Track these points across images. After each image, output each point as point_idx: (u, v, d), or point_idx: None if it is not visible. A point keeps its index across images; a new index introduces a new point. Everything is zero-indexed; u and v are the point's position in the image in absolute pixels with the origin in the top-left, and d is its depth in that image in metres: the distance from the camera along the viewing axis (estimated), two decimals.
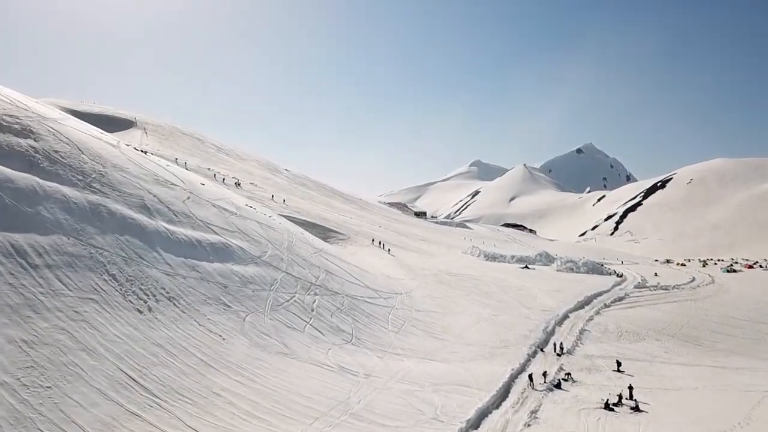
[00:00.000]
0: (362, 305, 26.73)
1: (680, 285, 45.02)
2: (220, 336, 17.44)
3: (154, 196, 24.04)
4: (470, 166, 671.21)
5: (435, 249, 64.28)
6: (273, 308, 21.30)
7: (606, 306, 35.43)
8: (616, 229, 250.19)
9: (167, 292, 18.17)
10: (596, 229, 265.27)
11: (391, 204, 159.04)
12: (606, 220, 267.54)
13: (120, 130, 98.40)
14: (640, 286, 43.46)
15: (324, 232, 50.04)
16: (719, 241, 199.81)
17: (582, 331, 29.38)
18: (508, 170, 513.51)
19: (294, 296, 23.49)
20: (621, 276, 50.44)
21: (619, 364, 22.87)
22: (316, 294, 25.04)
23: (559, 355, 24.61)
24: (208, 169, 66.48)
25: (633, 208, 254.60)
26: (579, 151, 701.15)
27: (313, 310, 23.18)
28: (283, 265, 26.04)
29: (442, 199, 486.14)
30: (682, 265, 72.00)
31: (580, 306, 35.37)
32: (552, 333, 28.91)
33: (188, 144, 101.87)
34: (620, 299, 37.53)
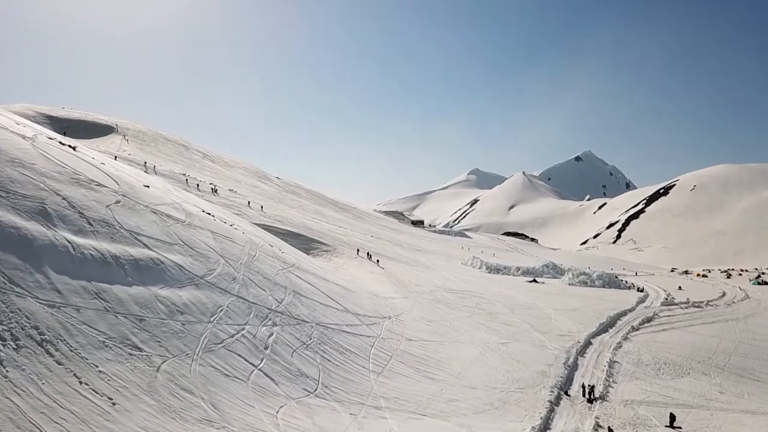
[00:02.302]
0: (337, 336, 21.14)
1: (712, 301, 39.52)
2: (110, 399, 11.83)
3: (64, 198, 18.54)
4: (469, 174, 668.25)
5: (432, 260, 58.72)
6: (207, 349, 15.70)
7: (634, 329, 29.87)
8: (618, 237, 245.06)
9: (41, 334, 12.59)
10: (598, 238, 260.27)
11: (387, 213, 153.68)
12: (608, 228, 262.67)
13: (99, 136, 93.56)
14: (668, 303, 37.95)
15: (306, 243, 44.57)
16: (725, 248, 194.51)
17: (611, 364, 23.79)
18: (506, 178, 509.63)
19: (243, 329, 17.90)
20: (642, 290, 44.93)
21: (673, 418, 17.23)
22: (275, 324, 19.45)
23: (590, 401, 19.00)
24: (183, 174, 61.05)
25: (635, 216, 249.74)
26: (578, 158, 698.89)
27: (267, 348, 17.58)
28: (236, 286, 20.48)
29: (441, 207, 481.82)
30: (704, 276, 66.47)
31: (604, 329, 29.84)
32: (575, 367, 23.36)
33: (171, 150, 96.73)
34: (649, 320, 31.99)
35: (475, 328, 27.95)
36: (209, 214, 27.88)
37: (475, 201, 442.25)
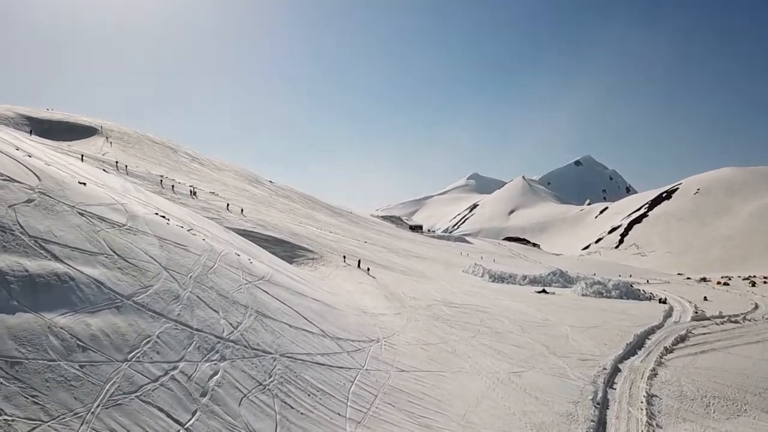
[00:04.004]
0: (308, 371, 16.64)
1: (749, 315, 35.03)
2: None
3: None
4: (468, 179, 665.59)
5: (430, 268, 54.24)
6: (112, 402, 11.21)
7: (667, 350, 25.37)
8: (621, 241, 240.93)
9: None
10: (600, 242, 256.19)
11: (384, 217, 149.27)
12: (610, 232, 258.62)
13: (81, 138, 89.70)
14: (700, 317, 33.45)
15: (291, 250, 40.13)
16: (732, 253, 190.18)
17: (650, 399, 19.31)
18: (506, 183, 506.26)
19: (175, 368, 13.40)
20: (664, 301, 40.45)
21: None
22: (223, 359, 14.95)
23: None
24: (161, 176, 56.60)
25: (638, 220, 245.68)
26: (578, 163, 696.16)
27: (205, 395, 13.08)
28: (176, 308, 15.99)
29: (440, 212, 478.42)
30: (725, 284, 61.76)
31: (632, 351, 25.37)
32: (606, 405, 18.87)
33: (157, 153, 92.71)
34: (682, 339, 27.51)
35: (481, 351, 23.46)
36: (163, 216, 23.45)
37: (475, 206, 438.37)
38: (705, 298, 44.13)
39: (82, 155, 49.55)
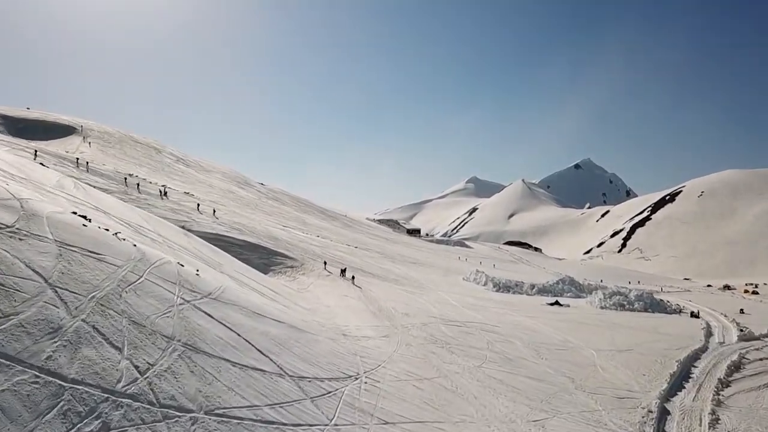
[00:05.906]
0: None
1: None
2: None
3: None
4: (467, 182, 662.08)
5: (428, 276, 49.14)
6: None
7: (723, 383, 20.29)
8: (623, 245, 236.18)
9: None
10: (602, 246, 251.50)
11: (381, 221, 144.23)
12: (612, 236, 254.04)
13: (59, 137, 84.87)
14: (748, 337, 28.39)
15: (267, 257, 35.09)
16: (738, 257, 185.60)
17: None
18: (505, 186, 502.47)
19: None
20: (697, 315, 35.38)
21: None
22: (105, 428, 9.78)
23: None
24: (130, 174, 51.51)
25: (641, 224, 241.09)
26: (577, 166, 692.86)
27: None
28: (48, 347, 10.85)
29: (439, 216, 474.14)
30: (754, 293, 56.59)
31: (678, 384, 20.28)
32: None
33: (139, 153, 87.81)
34: (737, 367, 22.43)
35: (490, 388, 18.35)
36: (83, 216, 18.37)
37: (474, 209, 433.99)
38: (741, 311, 39.07)
39: (35, 151, 44.48)
